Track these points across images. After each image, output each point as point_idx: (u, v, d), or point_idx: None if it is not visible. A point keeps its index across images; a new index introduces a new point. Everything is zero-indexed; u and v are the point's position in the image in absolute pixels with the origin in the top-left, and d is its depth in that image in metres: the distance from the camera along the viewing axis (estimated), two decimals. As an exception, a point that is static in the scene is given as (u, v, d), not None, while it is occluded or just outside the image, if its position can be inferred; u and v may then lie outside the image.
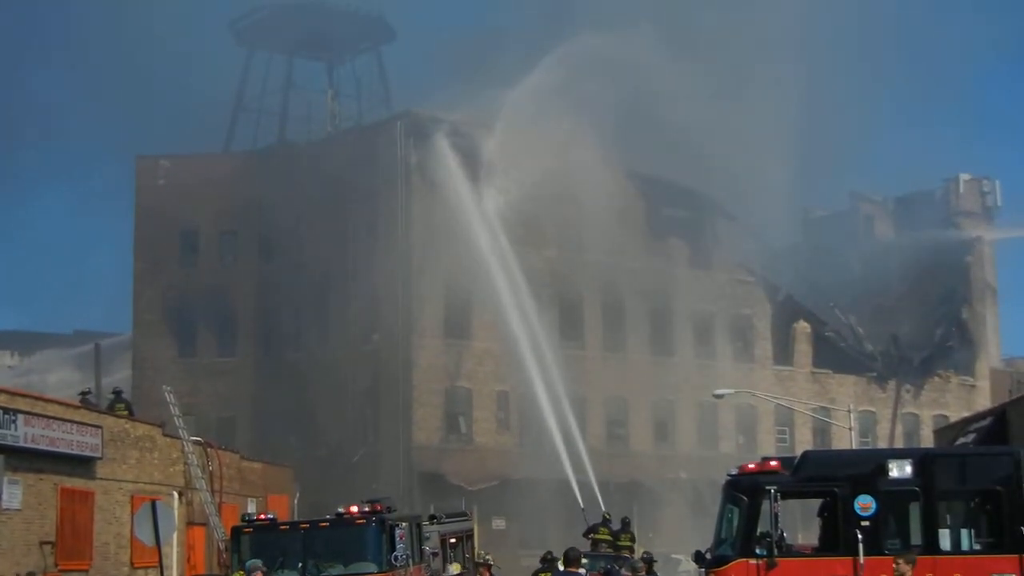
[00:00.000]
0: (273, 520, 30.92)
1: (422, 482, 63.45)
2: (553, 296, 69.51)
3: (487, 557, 26.57)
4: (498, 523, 63.42)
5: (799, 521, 37.28)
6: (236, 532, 30.30)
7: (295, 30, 78.03)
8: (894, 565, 19.39)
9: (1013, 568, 22.13)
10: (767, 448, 69.28)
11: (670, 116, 66.23)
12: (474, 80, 65.11)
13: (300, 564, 29.44)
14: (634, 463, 70.93)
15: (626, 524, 45.78)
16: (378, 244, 67.69)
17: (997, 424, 37.72)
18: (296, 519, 43.71)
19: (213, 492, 44.76)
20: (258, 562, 26.22)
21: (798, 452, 24.91)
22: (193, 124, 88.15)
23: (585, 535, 44.10)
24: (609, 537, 43.69)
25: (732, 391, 60.01)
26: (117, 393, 44.67)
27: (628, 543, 43.95)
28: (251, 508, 46.04)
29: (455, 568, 26.17)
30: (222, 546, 41.51)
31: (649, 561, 37.75)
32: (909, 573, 19.08)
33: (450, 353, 66.59)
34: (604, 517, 45.96)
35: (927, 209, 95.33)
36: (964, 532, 22.95)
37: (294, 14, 77.32)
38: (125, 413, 41.43)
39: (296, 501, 56.87)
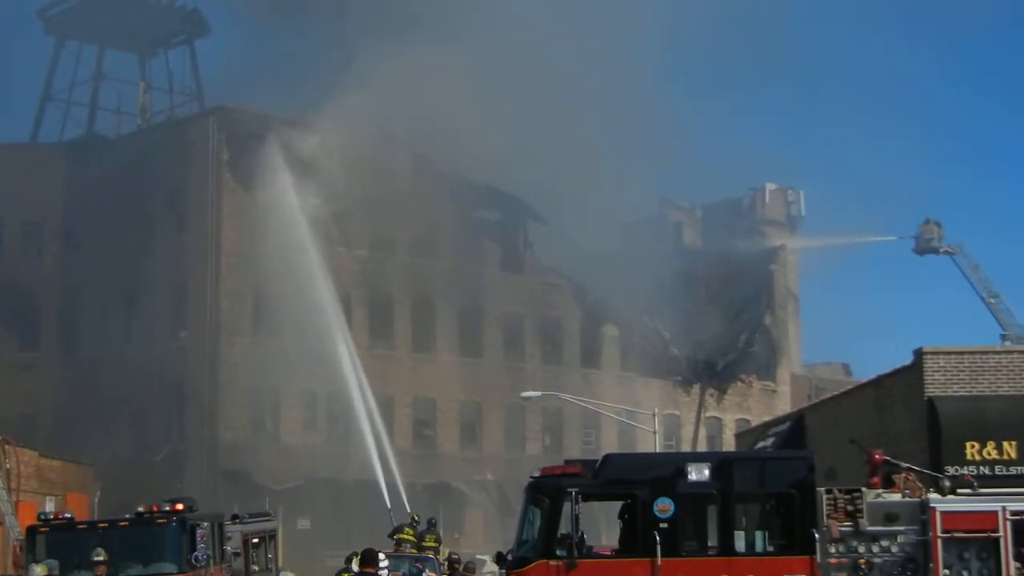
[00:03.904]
0: (70, 519, 30.34)
1: (227, 481, 62.74)
2: (363, 296, 69.47)
3: (102, 554, 26.37)
4: (303, 523, 62.97)
5: (603, 523, 37.73)
6: (32, 532, 29.69)
7: (107, 21, 76.76)
8: None
9: (804, 569, 22.64)
10: (574, 450, 69.91)
11: (483, 120, 66.62)
12: (289, 79, 64.87)
13: (98, 564, 28.94)
14: (441, 464, 71.14)
15: (432, 525, 45.86)
16: (187, 240, 66.94)
17: (795, 428, 38.72)
18: (96, 518, 42.97)
19: (10, 490, 43.85)
20: (53, 563, 25.76)
21: (604, 454, 25.19)
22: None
23: (390, 535, 44.10)
24: (413, 538, 43.72)
25: (539, 394, 60.43)
26: None
27: (433, 544, 44.03)
28: (49, 507, 45.17)
29: (40, 570, 26.07)
30: (17, 546, 40.55)
31: (454, 562, 38.00)
32: None
33: (258, 351, 65.93)
34: (412, 518, 45.99)
35: (734, 217, 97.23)
36: (759, 534, 23.34)
37: (107, 4, 76.11)
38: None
39: (97, 500, 55.92)
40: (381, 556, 23.73)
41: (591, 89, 74.45)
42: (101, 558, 27.24)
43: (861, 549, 23.01)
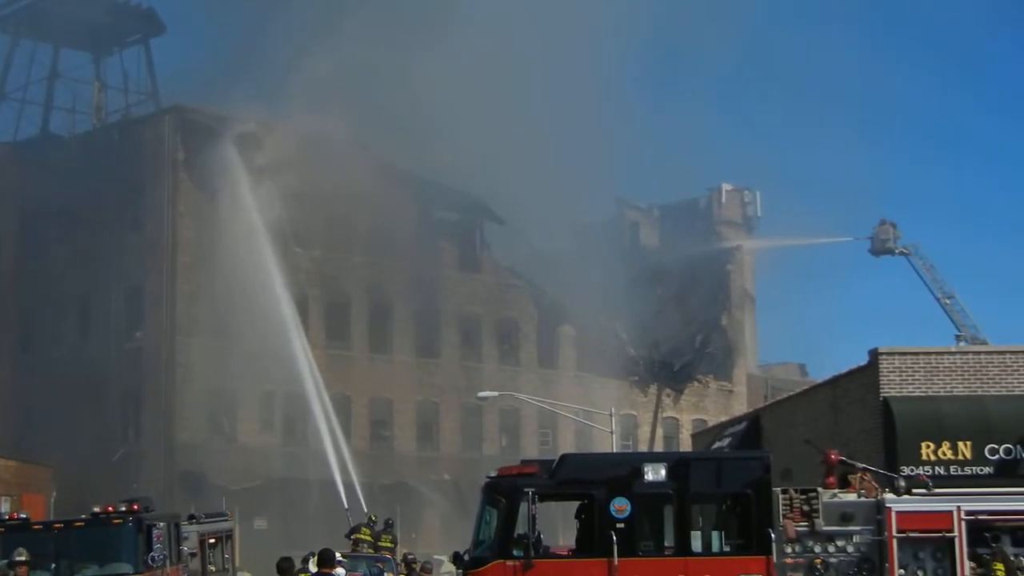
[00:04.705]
0: (25, 520, 30.18)
1: (184, 482, 62.53)
2: (320, 296, 69.29)
3: (23, 554, 26.39)
4: (260, 523, 62.80)
5: (560, 523, 37.83)
6: (-13, 532, 29.52)
7: (62, 19, 76.26)
8: None
9: (760, 569, 22.74)
10: (531, 450, 69.98)
11: (442, 119, 66.63)
12: (244, 78, 64.66)
13: (54, 565, 28.82)
14: (399, 464, 71.04)
15: (388, 525, 45.89)
16: (143, 240, 66.65)
17: (752, 428, 38.91)
18: (52, 519, 42.78)
19: (-35, 491, 43.61)
20: (22, 550, 25.73)
21: (560, 454, 25.24)
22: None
23: (347, 536, 44.09)
24: (370, 538, 43.74)
25: (496, 394, 60.48)
26: None
27: (389, 544, 44.07)
28: (4, 507, 44.92)
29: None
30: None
31: (411, 563, 38.04)
32: None
33: (215, 352, 65.69)
34: (370, 518, 46.00)
35: (691, 217, 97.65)
36: (715, 534, 23.46)
37: (61, 3, 75.56)
38: None
39: (53, 501, 55.63)
40: (338, 556, 23.74)
41: (548, 90, 74.61)
42: (23, 558, 27.11)
43: (817, 549, 23.15)
